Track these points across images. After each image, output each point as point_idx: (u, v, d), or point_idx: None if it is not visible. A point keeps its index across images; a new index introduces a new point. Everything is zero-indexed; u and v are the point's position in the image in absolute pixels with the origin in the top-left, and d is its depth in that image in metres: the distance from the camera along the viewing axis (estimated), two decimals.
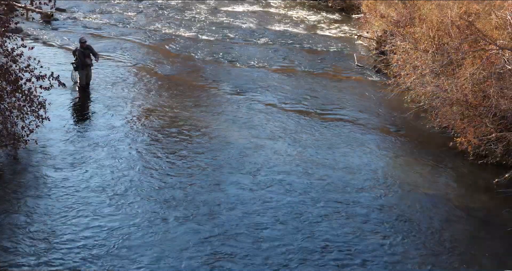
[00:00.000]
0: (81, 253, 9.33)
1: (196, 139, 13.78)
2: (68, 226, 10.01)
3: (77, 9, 26.22)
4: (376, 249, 10.01)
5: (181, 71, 19.15)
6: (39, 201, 10.71)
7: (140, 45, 21.58)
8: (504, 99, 12.81)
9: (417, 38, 16.66)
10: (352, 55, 21.35)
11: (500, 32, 13.93)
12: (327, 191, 11.81)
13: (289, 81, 18.75)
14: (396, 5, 20.06)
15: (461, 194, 12.18)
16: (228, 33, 23.98)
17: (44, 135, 13.16)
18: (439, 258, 9.92)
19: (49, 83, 12.64)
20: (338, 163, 13.05)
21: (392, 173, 12.78)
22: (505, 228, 10.80)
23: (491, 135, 13.04)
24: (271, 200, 11.29)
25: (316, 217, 10.82)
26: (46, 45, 20.50)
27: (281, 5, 30.21)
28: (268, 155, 13.16)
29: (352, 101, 17.11)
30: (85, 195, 11.02)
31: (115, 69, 18.40)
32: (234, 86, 17.58)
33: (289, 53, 21.76)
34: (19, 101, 12.18)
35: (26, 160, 12.21)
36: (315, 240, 10.11)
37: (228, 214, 10.73)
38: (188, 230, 10.15)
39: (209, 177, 12.06)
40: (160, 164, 12.46)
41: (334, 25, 26.47)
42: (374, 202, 11.52)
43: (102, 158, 12.49)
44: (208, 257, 9.44)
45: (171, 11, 27.23)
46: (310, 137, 14.32)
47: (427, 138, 14.77)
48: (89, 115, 15.02)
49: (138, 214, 10.53)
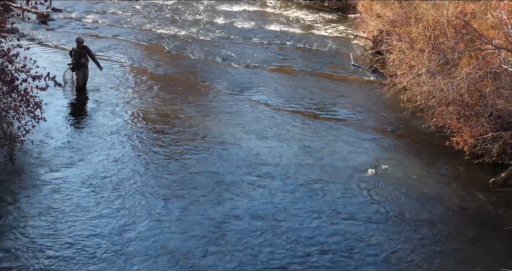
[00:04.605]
0: (79, 253, 9.32)
1: (192, 138, 13.76)
2: (65, 226, 9.99)
3: (73, 9, 26.15)
4: (372, 249, 10.01)
5: (178, 71, 19.14)
6: (36, 201, 10.69)
7: (136, 45, 21.55)
8: (500, 99, 12.84)
9: (413, 38, 16.70)
10: (349, 55, 21.36)
11: (496, 31, 13.96)
12: (322, 190, 11.82)
13: (285, 81, 18.75)
14: (392, 5, 20.10)
15: (457, 193, 12.20)
16: (224, 33, 23.97)
17: (40, 135, 13.13)
18: (435, 258, 9.93)
19: (45, 84, 12.61)
20: (333, 162, 13.05)
21: (387, 172, 12.78)
22: (502, 227, 10.82)
23: (487, 134, 13.07)
24: (266, 199, 11.32)
25: (310, 215, 10.83)
26: (42, 45, 20.45)
27: (278, 5, 30.20)
28: (264, 153, 13.18)
29: (348, 101, 17.12)
30: (82, 195, 11.00)
31: (112, 69, 18.37)
32: (230, 86, 17.57)
33: (285, 53, 21.75)
34: (15, 101, 12.15)
35: (22, 160, 12.19)
36: (308, 240, 10.12)
37: (228, 214, 10.76)
38: (189, 229, 10.18)
39: (208, 177, 12.06)
40: (158, 163, 12.45)
41: (331, 25, 26.49)
42: (369, 201, 11.53)
43: (99, 158, 12.47)
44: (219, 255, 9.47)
45: (167, 11, 27.19)
46: (305, 136, 14.32)
47: (423, 137, 14.79)
48: (85, 116, 15.00)
49: (138, 214, 10.52)
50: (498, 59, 12.99)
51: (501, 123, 13.30)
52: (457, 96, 13.79)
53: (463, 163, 13.29)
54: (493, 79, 13.11)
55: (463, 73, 13.65)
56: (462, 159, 13.30)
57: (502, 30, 13.56)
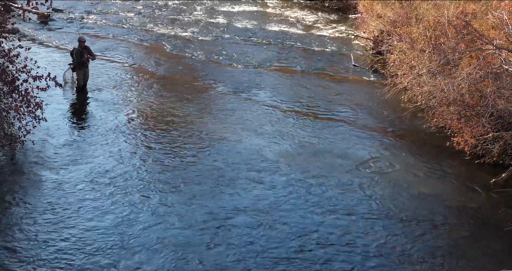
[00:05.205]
0: (79, 253, 9.32)
1: (193, 136, 13.78)
2: (66, 227, 10.00)
3: (74, 9, 26.18)
4: (371, 249, 10.01)
5: (178, 71, 19.14)
6: (36, 201, 10.69)
7: (137, 45, 21.57)
8: (501, 99, 12.84)
9: (414, 38, 16.69)
10: (349, 55, 21.36)
11: (497, 32, 13.96)
12: (321, 190, 11.82)
13: (285, 80, 18.75)
14: (392, 5, 20.09)
15: (458, 193, 12.20)
16: (225, 33, 23.97)
17: (41, 136, 13.15)
18: (435, 258, 9.92)
19: (46, 84, 12.63)
20: (334, 162, 13.05)
21: (388, 173, 12.78)
22: (502, 227, 10.81)
23: (488, 135, 13.06)
24: (265, 199, 11.33)
25: (310, 215, 10.84)
26: (43, 45, 20.47)
27: (278, 5, 30.21)
28: (264, 150, 13.18)
29: (349, 101, 17.12)
30: (82, 195, 11.01)
31: (112, 69, 18.39)
32: (231, 86, 17.58)
33: (286, 53, 21.75)
34: (16, 102, 12.17)
35: (23, 161, 12.20)
36: (307, 237, 10.13)
37: (226, 214, 10.77)
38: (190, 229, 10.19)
39: (209, 173, 12.11)
40: (159, 160, 12.47)
41: (331, 25, 26.48)
42: (369, 201, 11.52)
43: (100, 158, 12.48)
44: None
45: (168, 12, 27.22)
46: (305, 135, 14.32)
47: (424, 137, 14.78)
48: (86, 116, 15.01)
49: (138, 214, 10.53)
50: (499, 60, 12.98)
51: (502, 123, 13.30)
52: (457, 97, 13.78)
53: (464, 163, 13.28)
54: (494, 79, 13.11)
55: (464, 73, 13.65)
56: (463, 159, 13.29)
57: (503, 30, 13.56)
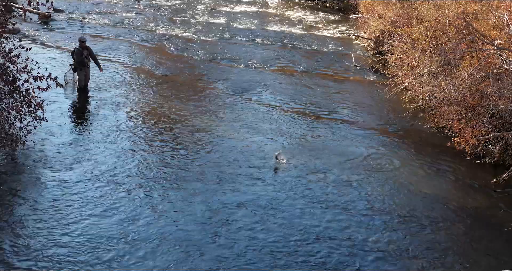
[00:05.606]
0: (79, 253, 9.32)
1: (194, 135, 13.80)
2: (66, 227, 9.99)
3: (75, 9, 26.18)
4: (373, 248, 10.01)
5: (179, 71, 19.14)
6: (37, 201, 10.70)
7: (138, 46, 21.58)
8: (501, 99, 12.84)
9: (415, 38, 16.69)
10: (350, 56, 21.35)
11: (498, 32, 13.96)
12: (322, 190, 11.82)
13: (286, 80, 18.76)
14: (393, 5, 20.10)
15: (459, 194, 12.19)
16: (226, 34, 23.96)
17: (41, 136, 13.15)
18: (436, 258, 9.92)
19: (46, 84, 12.63)
20: (334, 162, 13.05)
21: (389, 173, 12.78)
22: (503, 227, 10.81)
23: (488, 135, 13.06)
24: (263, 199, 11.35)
25: (310, 211, 10.85)
26: (44, 46, 20.47)
27: (279, 5, 30.21)
28: (264, 148, 13.18)
29: (350, 101, 17.11)
30: (83, 195, 11.01)
31: (114, 69, 18.39)
32: (232, 87, 17.58)
33: (287, 53, 21.75)
34: (17, 102, 12.17)
35: (24, 161, 12.20)
36: (307, 235, 10.16)
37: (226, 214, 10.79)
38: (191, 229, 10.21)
39: (210, 170, 12.17)
40: (159, 161, 12.47)
41: (332, 25, 26.48)
42: (371, 201, 11.52)
43: (100, 158, 12.48)
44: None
45: (169, 12, 27.23)
46: (305, 134, 14.34)
47: (425, 138, 14.78)
48: (87, 116, 15.02)
49: (140, 211, 10.55)
50: (499, 60, 12.99)
51: (503, 123, 13.30)
52: (458, 97, 13.78)
53: (465, 163, 13.28)
54: (494, 79, 13.11)
55: (465, 73, 13.65)
56: (464, 159, 13.29)
57: (503, 30, 13.57)
